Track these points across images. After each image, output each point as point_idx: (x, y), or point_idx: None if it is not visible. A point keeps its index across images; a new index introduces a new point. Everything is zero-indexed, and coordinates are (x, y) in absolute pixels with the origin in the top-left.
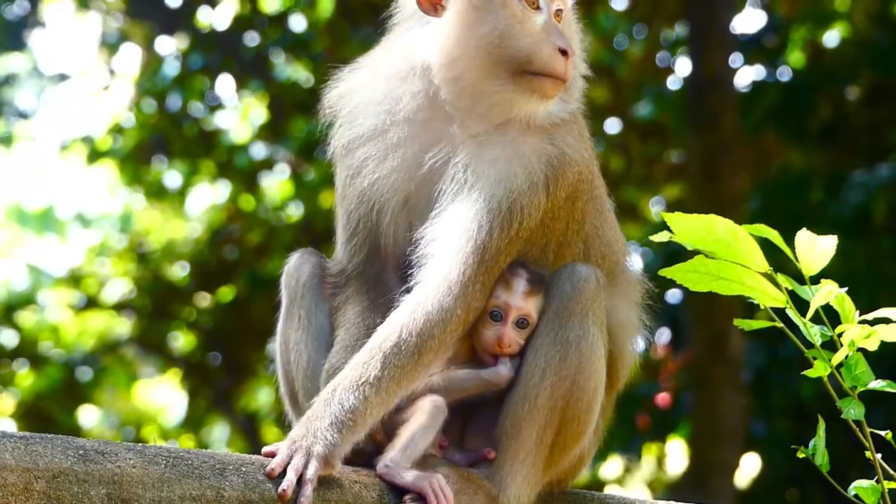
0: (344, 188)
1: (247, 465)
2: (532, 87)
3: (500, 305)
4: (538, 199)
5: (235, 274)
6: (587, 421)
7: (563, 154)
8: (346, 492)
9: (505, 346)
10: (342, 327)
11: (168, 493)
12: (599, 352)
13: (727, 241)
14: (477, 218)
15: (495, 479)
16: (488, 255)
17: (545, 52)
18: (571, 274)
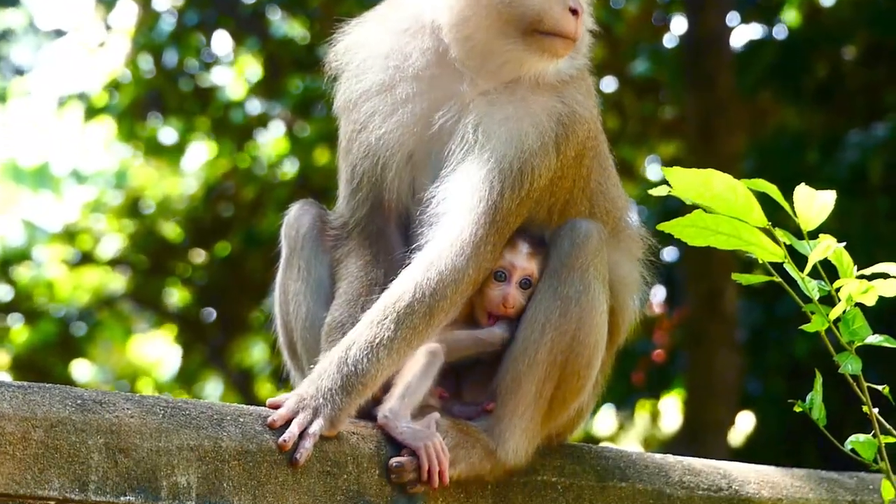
0: (349, 142)
1: (244, 416)
2: (542, 46)
3: (504, 266)
4: (549, 159)
5: (230, 231)
6: (587, 376)
7: (573, 112)
8: (343, 443)
9: (509, 306)
10: (344, 280)
11: (166, 443)
12: (601, 307)
13: (725, 196)
14: (488, 178)
15: (494, 432)
16: (499, 216)
17: (555, 11)
18: (571, 230)
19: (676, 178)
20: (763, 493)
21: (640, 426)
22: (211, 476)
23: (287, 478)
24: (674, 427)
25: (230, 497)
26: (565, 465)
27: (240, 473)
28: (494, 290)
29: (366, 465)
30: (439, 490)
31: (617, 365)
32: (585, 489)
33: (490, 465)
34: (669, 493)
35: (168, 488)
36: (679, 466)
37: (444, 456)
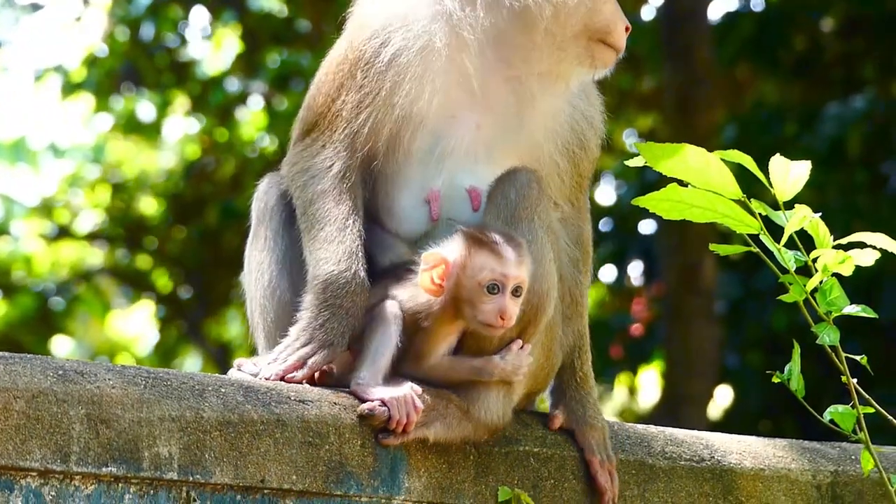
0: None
1: (226, 387)
2: (600, 54)
3: (496, 278)
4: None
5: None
6: (542, 324)
7: (592, 118)
8: (324, 414)
9: (507, 318)
10: (328, 224)
11: (147, 414)
12: (549, 255)
13: (700, 169)
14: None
15: (466, 394)
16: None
17: (619, 26)
18: (514, 180)
19: (651, 152)
20: (745, 464)
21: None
22: (193, 447)
23: (269, 448)
24: (652, 401)
25: (212, 468)
26: (547, 436)
27: (221, 444)
28: (489, 304)
29: (347, 436)
30: (421, 460)
31: (594, 338)
32: (568, 459)
33: (470, 425)
34: (652, 464)
35: (150, 459)
36: (661, 437)
37: (417, 408)
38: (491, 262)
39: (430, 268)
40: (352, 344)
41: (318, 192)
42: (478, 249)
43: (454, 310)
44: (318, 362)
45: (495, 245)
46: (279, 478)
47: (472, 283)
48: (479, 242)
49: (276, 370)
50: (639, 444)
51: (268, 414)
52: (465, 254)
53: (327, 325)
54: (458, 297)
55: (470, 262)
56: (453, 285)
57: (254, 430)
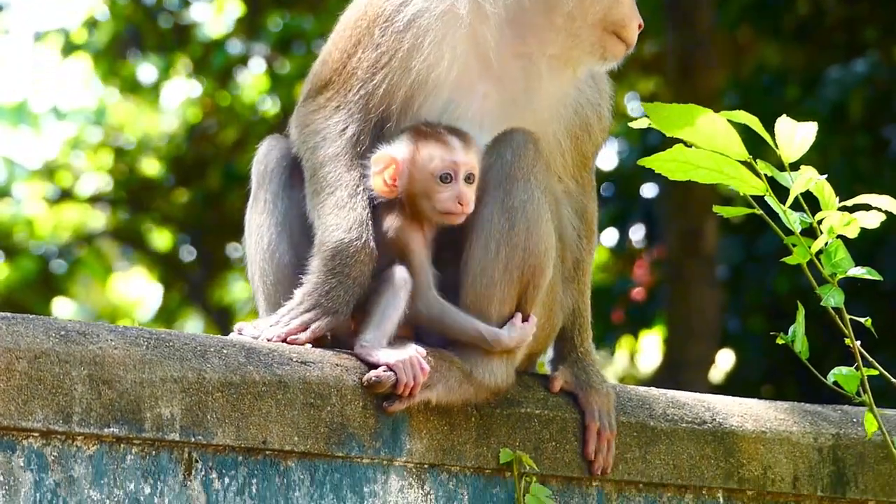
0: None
1: (228, 348)
2: (611, 46)
3: (447, 166)
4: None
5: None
6: (542, 285)
7: (599, 106)
8: (327, 375)
9: (465, 203)
10: (338, 188)
11: (149, 375)
12: (546, 215)
13: (706, 130)
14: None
15: (468, 356)
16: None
17: (634, 22)
18: (510, 140)
19: (656, 112)
20: (746, 426)
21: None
22: (195, 408)
23: (271, 410)
24: (653, 365)
25: (214, 429)
26: (549, 398)
27: (223, 405)
28: (443, 193)
29: (349, 398)
30: (423, 422)
31: (596, 302)
32: (569, 422)
33: (472, 388)
34: (653, 426)
35: (152, 420)
36: (663, 399)
37: (424, 370)
38: (439, 152)
39: (381, 170)
40: (355, 312)
41: (329, 156)
42: (425, 142)
43: (413, 210)
44: (321, 328)
45: (441, 135)
46: (281, 439)
47: (424, 174)
48: (425, 135)
49: (278, 332)
50: (640, 406)
51: (270, 375)
52: (412, 148)
53: (333, 293)
54: (413, 194)
55: (419, 154)
56: (406, 183)
57: (255, 392)
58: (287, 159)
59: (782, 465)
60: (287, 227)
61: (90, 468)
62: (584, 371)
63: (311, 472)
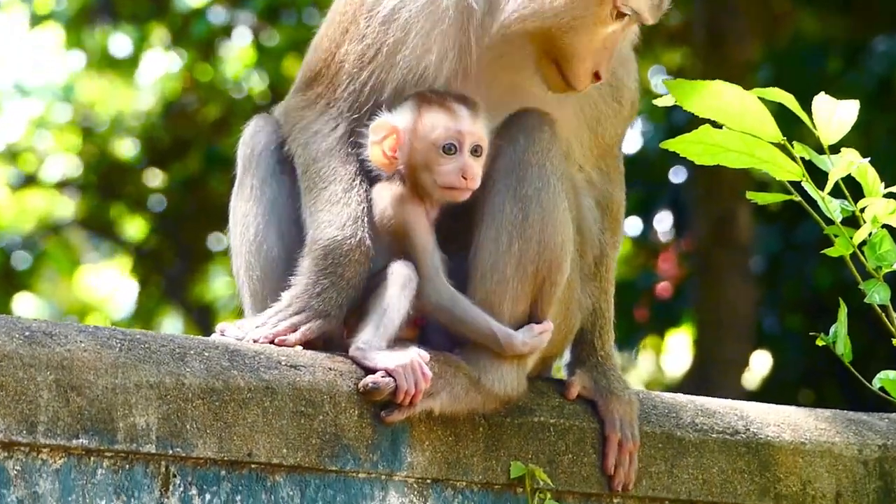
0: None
1: (210, 350)
2: (547, 78)
3: (451, 136)
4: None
5: (191, 151)
6: (559, 282)
7: (619, 91)
8: (319, 381)
9: (470, 178)
10: (332, 182)
11: (123, 380)
12: (562, 204)
13: (735, 109)
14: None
15: (475, 361)
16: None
17: (584, 68)
18: (523, 122)
19: (680, 89)
20: (784, 437)
21: (643, 368)
22: (173, 416)
23: (257, 419)
24: (681, 368)
25: (194, 440)
26: (565, 406)
27: (204, 414)
28: (447, 166)
29: (344, 405)
30: (425, 432)
31: (617, 299)
32: (588, 432)
33: (480, 396)
34: (680, 437)
35: (125, 430)
36: (691, 407)
37: (426, 376)
38: (443, 120)
39: (381, 139)
40: (348, 316)
41: (322, 151)
42: (428, 109)
43: (414, 185)
44: (312, 331)
45: (446, 102)
46: (268, 451)
47: (426, 145)
48: (429, 102)
49: (265, 332)
50: (666, 414)
51: (256, 380)
52: (415, 116)
53: (325, 295)
54: (415, 166)
55: (421, 123)
56: (407, 154)
57: (240, 399)
58: (276, 142)
59: (823, 479)
60: (276, 217)
61: (57, 483)
62: (605, 376)
63: (302, 488)
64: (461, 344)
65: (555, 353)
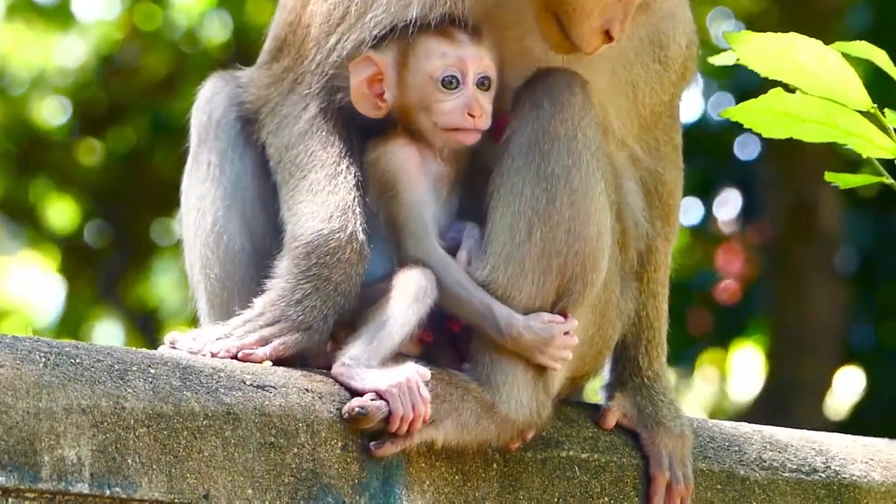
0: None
1: (156, 366)
2: (548, 35)
3: (451, 63)
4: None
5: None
6: (594, 283)
7: (666, 45)
8: (293, 404)
9: (478, 115)
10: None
11: (48, 403)
12: (598, 186)
13: (813, 69)
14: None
15: (487, 380)
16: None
17: (589, 25)
18: (549, 84)
19: (745, 45)
20: (873, 476)
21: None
22: (110, 448)
23: (215, 451)
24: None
25: (136, 477)
26: (600, 437)
27: (150, 445)
28: (448, 103)
29: (324, 435)
30: (425, 469)
31: (669, 304)
32: (628, 469)
33: (493, 425)
34: (744, 475)
35: (51, 465)
36: (757, 438)
37: (424, 398)
38: (441, 46)
39: (364, 79)
40: (338, 331)
41: (295, 135)
42: (421, 36)
43: (409, 131)
44: (287, 346)
45: (442, 26)
46: (229, 492)
47: (422, 78)
48: (421, 28)
49: (226, 345)
50: (727, 448)
51: (214, 404)
52: (403, 46)
53: (307, 303)
54: (409, 108)
55: (413, 52)
56: (398, 93)
57: (195, 427)
58: (239, 107)
59: None
60: (239, 200)
61: None
62: (651, 402)
63: None
64: (471, 360)
65: (588, 371)
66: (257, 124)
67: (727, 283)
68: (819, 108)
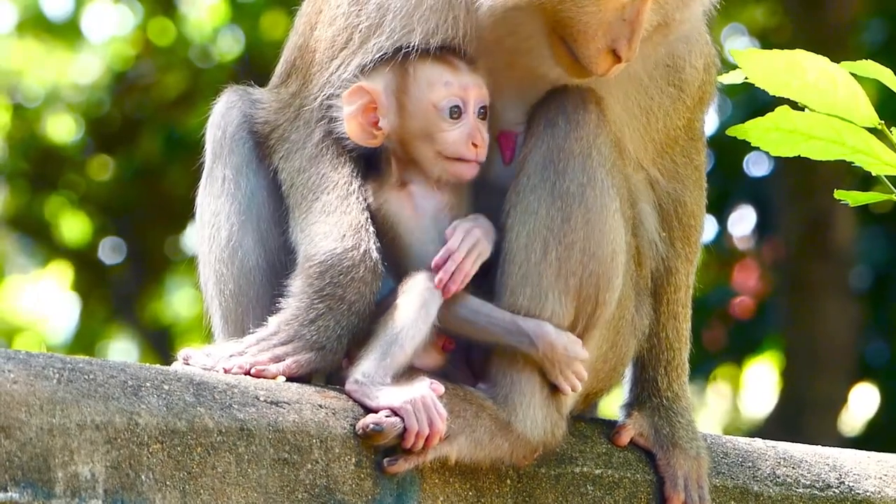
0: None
1: (170, 383)
2: (559, 59)
3: (455, 93)
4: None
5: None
6: (609, 302)
7: (681, 66)
8: (307, 420)
9: (480, 144)
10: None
11: (62, 419)
12: (613, 204)
13: (821, 86)
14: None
15: (502, 398)
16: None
17: (594, 47)
18: (562, 103)
19: (751, 62)
20: (887, 492)
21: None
22: (124, 464)
23: (229, 467)
24: (764, 407)
25: (150, 494)
26: (613, 453)
27: (163, 461)
28: (452, 133)
29: (338, 451)
30: (439, 485)
31: None
32: (642, 485)
33: (507, 443)
34: (758, 491)
35: (65, 481)
36: (771, 454)
37: (441, 415)
38: (443, 74)
39: (358, 109)
40: (351, 349)
41: (306, 158)
42: (421, 63)
43: (402, 164)
44: (300, 365)
45: (441, 54)
46: None
47: (425, 106)
48: (420, 56)
49: (240, 362)
50: (740, 463)
51: (228, 420)
52: (402, 73)
53: (320, 323)
54: (408, 137)
55: (413, 80)
56: (396, 122)
57: (208, 443)
58: (253, 122)
59: None
60: (254, 216)
61: None
62: (669, 422)
63: None
64: (486, 377)
65: (601, 387)
66: (268, 149)
67: (742, 300)
68: (827, 126)
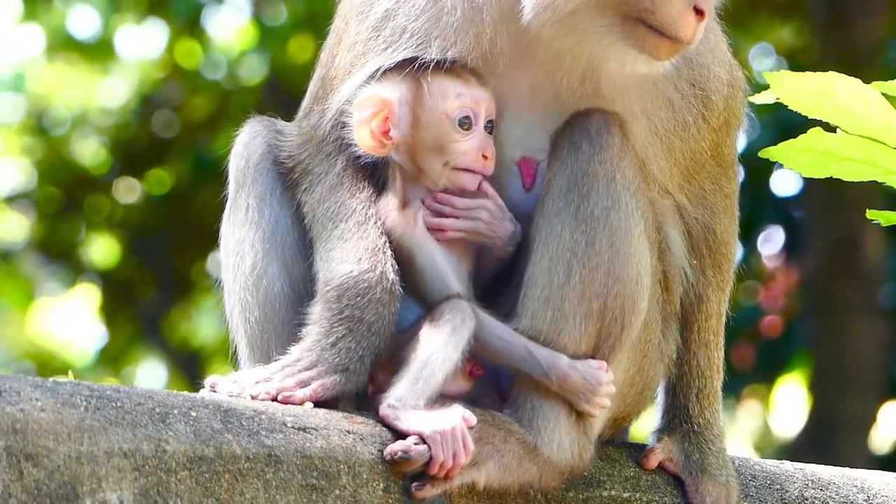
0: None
1: (197, 409)
2: (643, 42)
3: (467, 104)
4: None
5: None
6: (633, 324)
7: (705, 85)
8: (334, 446)
9: (489, 156)
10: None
11: (90, 447)
12: (637, 227)
13: (853, 107)
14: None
15: (529, 422)
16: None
17: (674, 5)
18: (586, 125)
19: (784, 84)
20: None
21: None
22: (152, 492)
23: (257, 494)
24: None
25: None
26: (641, 477)
27: (192, 488)
28: (464, 144)
29: (366, 477)
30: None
31: None
32: None
33: (535, 467)
34: None
35: None
36: (799, 477)
37: (468, 447)
38: (456, 86)
39: (368, 116)
40: (375, 372)
41: (326, 189)
42: (435, 75)
43: (406, 178)
44: (326, 388)
45: (453, 67)
46: None
47: (437, 117)
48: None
49: (267, 388)
50: (768, 486)
51: (255, 446)
52: (414, 85)
53: (341, 345)
54: (418, 147)
55: (426, 91)
56: (408, 133)
57: (236, 469)
58: (277, 152)
59: None
60: (278, 244)
61: None
62: (699, 449)
63: None
64: (513, 404)
65: (629, 411)
66: (292, 182)
67: (770, 319)
68: (859, 147)
